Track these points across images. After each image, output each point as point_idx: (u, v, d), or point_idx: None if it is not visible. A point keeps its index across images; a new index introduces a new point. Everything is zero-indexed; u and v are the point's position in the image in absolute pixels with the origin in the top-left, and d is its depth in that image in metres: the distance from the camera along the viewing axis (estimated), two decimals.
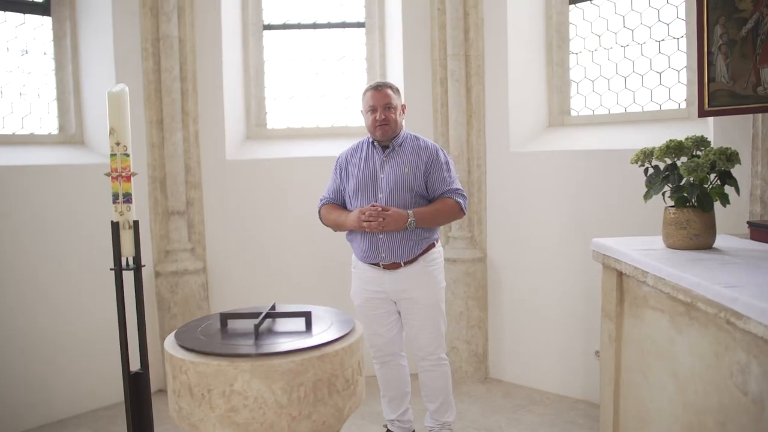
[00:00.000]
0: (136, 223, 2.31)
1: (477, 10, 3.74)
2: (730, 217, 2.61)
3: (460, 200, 2.74)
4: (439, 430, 2.93)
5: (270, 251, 3.97)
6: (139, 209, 2.78)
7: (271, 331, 1.66)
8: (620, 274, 2.43)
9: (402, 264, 2.72)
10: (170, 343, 1.60)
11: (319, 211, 2.93)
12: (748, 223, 2.47)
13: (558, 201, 3.57)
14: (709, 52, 2.43)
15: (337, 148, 4.13)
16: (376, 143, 2.80)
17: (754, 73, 2.30)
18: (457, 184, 2.79)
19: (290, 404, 1.43)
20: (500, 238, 3.84)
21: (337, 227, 2.85)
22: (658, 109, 3.39)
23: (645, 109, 3.44)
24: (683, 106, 3.28)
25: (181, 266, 3.75)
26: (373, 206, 2.62)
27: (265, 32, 4.12)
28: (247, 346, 1.53)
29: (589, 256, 3.42)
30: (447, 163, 2.78)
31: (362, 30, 4.18)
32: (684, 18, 3.20)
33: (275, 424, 1.42)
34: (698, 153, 2.23)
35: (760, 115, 2.68)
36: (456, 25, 3.75)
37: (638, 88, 3.46)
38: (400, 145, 2.77)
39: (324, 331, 1.63)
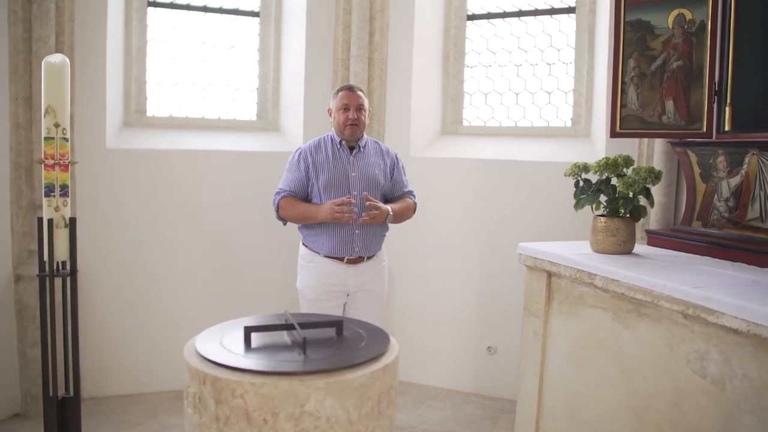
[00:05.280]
0: (72, 221, 1.98)
1: (383, 15, 3.79)
2: None
3: (416, 201, 3.07)
4: None
5: (152, 252, 3.61)
6: None
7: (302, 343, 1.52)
8: (549, 275, 2.68)
9: (365, 258, 2.86)
10: (200, 363, 1.38)
11: (279, 203, 2.85)
12: (646, 231, 2.88)
13: (453, 206, 3.78)
14: (622, 82, 2.79)
15: (226, 143, 3.90)
16: (342, 142, 2.87)
17: (660, 103, 2.69)
18: (410, 186, 3.07)
19: (359, 420, 1.33)
20: (393, 242, 3.93)
21: (303, 220, 2.83)
22: (547, 125, 3.77)
23: (533, 125, 3.80)
24: (569, 124, 3.69)
25: None
26: (348, 199, 2.72)
27: (150, 9, 3.72)
28: (304, 361, 1.39)
29: (484, 258, 3.71)
30: (403, 166, 3.08)
31: (257, 20, 3.97)
32: (573, 46, 3.61)
33: None
34: (625, 170, 2.56)
35: (646, 140, 3.15)
36: (362, 27, 3.76)
37: (528, 104, 3.81)
38: (365, 146, 2.92)
39: (364, 341, 1.54)
